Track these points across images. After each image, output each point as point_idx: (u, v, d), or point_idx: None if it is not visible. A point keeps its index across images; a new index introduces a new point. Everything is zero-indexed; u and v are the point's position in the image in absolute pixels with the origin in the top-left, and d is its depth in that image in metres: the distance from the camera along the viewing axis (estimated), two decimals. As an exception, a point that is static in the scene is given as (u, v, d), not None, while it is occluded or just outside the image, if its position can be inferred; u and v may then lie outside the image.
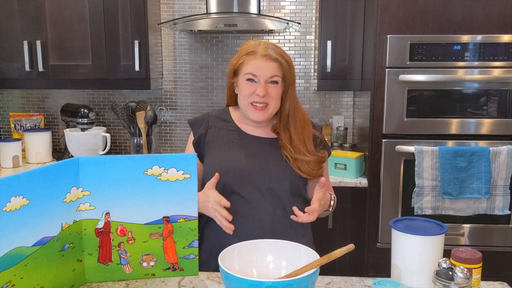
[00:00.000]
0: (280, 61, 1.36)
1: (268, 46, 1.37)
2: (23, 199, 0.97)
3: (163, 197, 1.16)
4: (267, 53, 1.35)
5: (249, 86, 1.36)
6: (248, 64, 1.36)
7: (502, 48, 2.14)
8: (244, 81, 1.37)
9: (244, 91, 1.37)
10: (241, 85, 1.38)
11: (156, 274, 1.21)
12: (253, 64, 1.35)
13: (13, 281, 0.96)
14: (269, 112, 1.38)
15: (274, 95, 1.36)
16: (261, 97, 1.34)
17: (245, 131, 1.43)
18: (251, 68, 1.35)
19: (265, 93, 1.34)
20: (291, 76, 1.39)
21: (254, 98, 1.35)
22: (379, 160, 2.25)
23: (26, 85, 2.64)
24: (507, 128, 2.19)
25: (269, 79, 1.35)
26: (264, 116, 1.37)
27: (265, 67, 1.34)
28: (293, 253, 1.13)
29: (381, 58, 2.19)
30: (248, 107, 1.37)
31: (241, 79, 1.38)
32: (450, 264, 1.02)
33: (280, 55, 1.37)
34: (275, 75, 1.35)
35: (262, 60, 1.35)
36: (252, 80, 1.36)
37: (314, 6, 2.78)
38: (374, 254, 2.31)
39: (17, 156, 2.58)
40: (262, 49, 1.36)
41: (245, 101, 1.37)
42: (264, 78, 1.34)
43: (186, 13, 2.80)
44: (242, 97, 1.38)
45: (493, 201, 2.17)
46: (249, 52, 1.37)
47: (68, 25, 2.52)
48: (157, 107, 2.91)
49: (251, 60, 1.36)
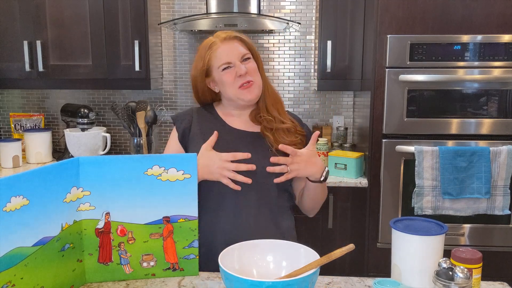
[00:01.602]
0: (240, 37, 1.38)
1: (223, 31, 1.39)
2: (23, 199, 0.97)
3: (163, 197, 1.16)
4: (226, 35, 1.36)
5: (229, 74, 1.35)
6: (216, 55, 1.36)
7: (502, 48, 2.14)
8: (221, 72, 1.36)
9: (226, 79, 1.36)
10: (220, 77, 1.37)
11: (156, 274, 1.21)
12: (221, 52, 1.35)
13: (13, 281, 0.96)
14: (257, 86, 1.38)
15: (253, 70, 1.37)
16: (244, 76, 1.34)
17: (230, 125, 1.42)
18: (221, 57, 1.35)
19: (245, 70, 1.34)
20: (255, 51, 1.41)
21: (238, 81, 1.35)
22: (379, 160, 2.25)
23: (26, 85, 2.64)
24: (507, 128, 2.19)
25: (242, 58, 1.35)
26: (255, 92, 1.37)
27: (232, 48, 1.35)
28: (293, 253, 1.13)
29: (381, 58, 2.19)
30: (237, 92, 1.36)
31: (217, 73, 1.37)
32: (450, 264, 1.02)
33: (238, 33, 1.39)
34: (245, 53, 1.36)
35: (225, 44, 1.36)
36: (228, 67, 1.35)
37: (314, 6, 2.78)
38: (374, 254, 2.31)
39: (17, 156, 2.58)
40: (220, 35, 1.37)
41: (232, 89, 1.36)
42: (237, 58, 1.35)
43: (186, 13, 2.80)
44: (227, 87, 1.37)
45: (493, 201, 2.17)
46: (210, 45, 1.37)
47: (68, 25, 2.52)
48: (157, 107, 2.91)
49: (216, 50, 1.36)
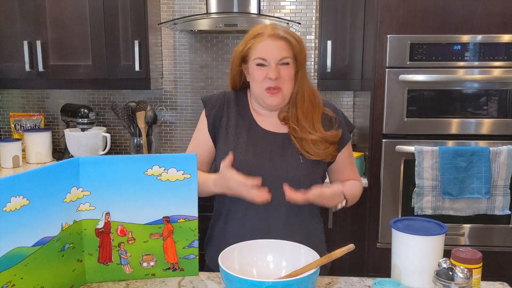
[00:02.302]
0: (288, 39, 1.30)
1: (275, 26, 1.31)
2: (23, 199, 0.97)
3: (163, 197, 1.16)
4: (274, 33, 1.29)
5: (260, 71, 1.30)
6: (256, 47, 1.30)
7: (502, 48, 2.14)
8: (255, 66, 1.31)
9: (256, 76, 1.31)
10: (252, 71, 1.32)
11: (156, 274, 1.21)
12: (261, 47, 1.29)
13: (13, 281, 0.96)
14: (283, 95, 1.32)
15: (286, 77, 1.31)
16: (273, 80, 1.28)
17: (260, 125, 1.38)
18: (260, 51, 1.29)
19: (277, 75, 1.28)
20: (302, 55, 1.33)
21: (267, 83, 1.30)
22: (379, 160, 2.25)
23: (26, 85, 2.63)
24: (507, 128, 2.19)
25: (280, 61, 1.29)
26: (279, 101, 1.32)
27: (273, 48, 1.28)
28: (293, 253, 1.13)
29: (381, 58, 2.19)
30: (262, 93, 1.32)
31: (251, 65, 1.32)
32: (450, 264, 1.02)
33: (289, 34, 1.31)
34: (285, 57, 1.29)
35: (270, 40, 1.29)
36: (263, 65, 1.30)
37: (314, 6, 2.78)
38: (374, 254, 2.31)
39: (17, 156, 2.58)
40: (269, 29, 1.30)
41: (258, 88, 1.32)
42: (274, 60, 1.29)
43: (186, 13, 2.80)
44: (255, 84, 1.33)
45: (493, 201, 2.17)
46: (256, 35, 1.31)
47: (68, 25, 2.52)
48: (157, 107, 2.91)
49: (259, 42, 1.30)
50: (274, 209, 1.31)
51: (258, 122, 1.39)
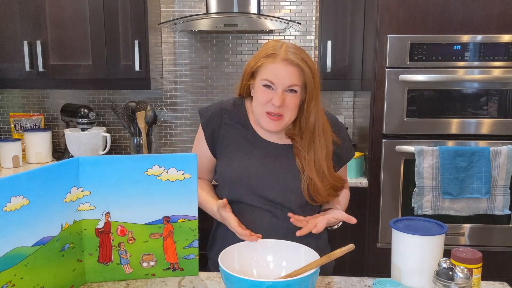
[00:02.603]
0: (302, 67, 1.23)
1: (289, 50, 1.24)
2: (23, 199, 0.97)
3: (163, 197, 1.16)
4: (288, 58, 1.22)
5: (265, 93, 1.25)
6: (267, 68, 1.24)
7: (502, 48, 2.14)
8: (261, 86, 1.26)
9: (260, 98, 1.26)
10: (257, 90, 1.27)
11: (156, 274, 1.21)
12: (272, 70, 1.23)
13: (13, 281, 0.96)
14: (284, 123, 1.28)
15: (291, 105, 1.25)
16: (276, 107, 1.24)
17: (260, 135, 1.35)
18: (269, 74, 1.24)
19: (282, 103, 1.23)
20: (314, 85, 1.26)
21: (269, 108, 1.25)
22: (379, 160, 2.25)
23: (26, 85, 2.64)
24: (507, 128, 2.19)
25: (287, 88, 1.24)
26: (278, 127, 1.28)
27: (284, 74, 1.22)
28: (293, 253, 1.13)
29: (381, 58, 2.19)
30: (262, 116, 1.27)
31: (257, 83, 1.27)
32: (450, 264, 1.02)
33: (303, 60, 1.24)
34: (294, 84, 1.23)
35: (282, 65, 1.22)
36: (269, 87, 1.25)
37: (314, 6, 2.78)
38: (374, 254, 2.31)
39: (17, 156, 2.58)
40: (283, 52, 1.23)
41: (259, 109, 1.27)
42: (282, 86, 1.23)
43: (186, 13, 2.80)
44: (257, 104, 1.28)
45: (493, 201, 2.17)
46: (269, 55, 1.24)
47: (68, 25, 2.52)
48: (157, 107, 2.91)
49: (270, 63, 1.24)
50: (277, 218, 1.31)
51: (257, 132, 1.36)
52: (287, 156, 1.33)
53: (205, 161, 1.41)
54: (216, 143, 1.37)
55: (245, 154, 1.33)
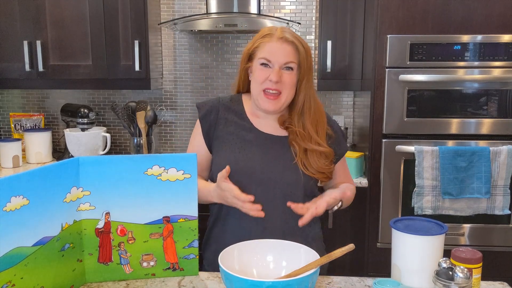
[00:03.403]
0: (296, 45, 1.29)
1: (285, 30, 1.31)
2: (23, 199, 0.97)
3: (163, 197, 1.16)
4: (283, 36, 1.29)
5: (262, 72, 1.30)
6: (263, 47, 1.30)
7: (502, 48, 2.14)
8: (258, 65, 1.31)
9: (257, 76, 1.31)
10: (255, 70, 1.32)
11: (156, 274, 1.21)
12: (268, 48, 1.29)
13: (13, 281, 0.96)
14: (282, 101, 1.31)
15: (288, 83, 1.30)
16: (274, 83, 1.28)
17: (257, 128, 1.37)
18: (266, 52, 1.29)
19: (279, 79, 1.28)
20: (307, 63, 1.32)
21: (267, 85, 1.29)
22: (379, 160, 2.25)
23: (26, 85, 2.64)
24: (507, 128, 2.19)
25: (284, 65, 1.29)
26: (276, 106, 1.31)
27: (280, 51, 1.28)
28: (293, 253, 1.13)
29: (381, 58, 2.19)
30: (259, 94, 1.31)
31: (255, 64, 1.32)
32: (450, 264, 1.02)
33: (297, 39, 1.30)
34: (291, 61, 1.29)
35: (278, 43, 1.28)
36: (266, 65, 1.29)
37: (314, 6, 2.78)
38: (374, 254, 2.31)
39: (17, 156, 2.58)
40: (279, 31, 1.30)
41: (257, 87, 1.32)
42: (278, 63, 1.28)
43: (186, 13, 2.80)
44: (255, 83, 1.32)
45: (493, 201, 2.17)
46: (265, 35, 1.31)
47: (68, 25, 2.52)
48: (157, 107, 2.91)
49: (267, 43, 1.30)
50: (271, 210, 1.31)
51: (254, 125, 1.38)
52: (283, 146, 1.35)
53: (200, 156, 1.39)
54: (213, 137, 1.38)
55: (241, 145, 1.34)
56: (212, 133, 1.38)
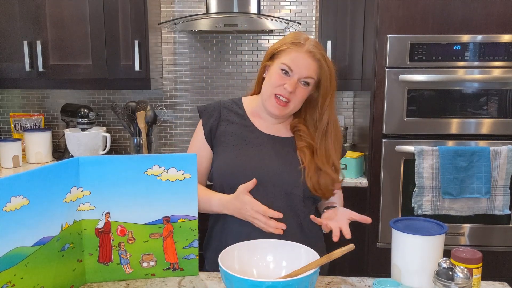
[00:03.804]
0: (321, 64, 1.29)
1: (316, 45, 1.30)
2: (23, 199, 0.97)
3: (163, 197, 1.16)
4: (312, 51, 1.28)
5: (280, 77, 1.28)
6: (289, 54, 1.28)
7: (502, 48, 2.14)
8: (278, 70, 1.29)
9: (274, 80, 1.29)
10: (273, 73, 1.30)
11: (156, 274, 1.21)
12: (294, 57, 1.27)
13: (13, 281, 0.96)
14: (288, 111, 1.31)
15: (300, 96, 1.30)
16: (288, 92, 1.27)
17: (258, 128, 1.38)
18: (291, 60, 1.27)
19: (293, 90, 1.27)
20: (331, 84, 1.31)
21: (280, 91, 1.28)
22: (379, 160, 2.25)
23: (26, 85, 2.64)
24: (507, 128, 2.19)
25: (303, 78, 1.28)
26: (282, 113, 1.31)
27: (304, 64, 1.27)
28: (293, 253, 1.13)
29: (381, 58, 2.19)
30: (270, 97, 1.30)
31: (275, 66, 1.30)
32: (450, 264, 1.02)
33: (323, 57, 1.30)
34: (310, 77, 1.28)
35: (305, 56, 1.27)
36: (286, 73, 1.28)
37: (314, 6, 2.78)
38: (374, 254, 2.31)
39: (17, 156, 2.58)
40: (310, 45, 1.29)
41: (270, 90, 1.30)
42: (298, 75, 1.27)
43: (186, 13, 2.80)
44: (269, 85, 1.31)
45: (493, 201, 2.17)
46: (295, 42, 1.29)
47: (68, 25, 2.52)
48: (157, 107, 2.91)
49: (294, 51, 1.28)
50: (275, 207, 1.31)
51: (255, 125, 1.38)
52: (284, 147, 1.35)
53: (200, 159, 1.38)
54: (214, 138, 1.38)
55: (242, 145, 1.34)
56: (214, 134, 1.38)
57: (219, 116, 1.39)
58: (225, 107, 1.41)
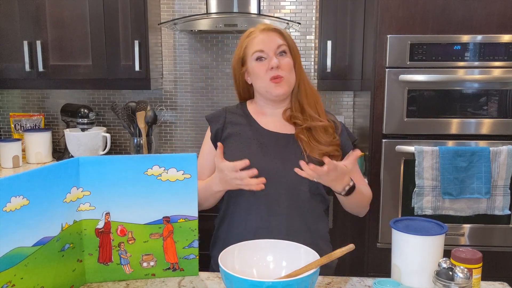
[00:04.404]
0: (280, 31, 1.37)
1: (265, 24, 1.41)
2: (23, 199, 0.97)
3: (163, 197, 1.16)
4: (266, 27, 1.37)
5: (261, 65, 1.35)
6: (252, 44, 1.36)
7: (502, 48, 2.13)
8: (254, 62, 1.36)
9: (258, 71, 1.35)
10: (253, 68, 1.37)
11: (156, 274, 1.21)
12: (257, 42, 1.35)
13: (13, 281, 0.96)
14: (287, 83, 1.35)
15: (287, 67, 1.35)
16: (276, 69, 1.32)
17: (263, 126, 1.40)
18: (256, 45, 1.35)
19: (278, 64, 1.33)
20: (295, 46, 1.39)
21: (270, 74, 1.34)
22: (379, 160, 2.25)
23: (26, 85, 2.64)
24: (507, 128, 2.19)
25: (277, 50, 1.34)
26: (285, 89, 1.35)
27: (268, 39, 1.34)
28: (293, 253, 1.13)
29: (381, 58, 2.19)
30: (268, 85, 1.35)
31: (250, 63, 1.38)
32: (450, 264, 1.02)
33: (278, 27, 1.38)
34: (282, 44, 1.35)
35: (263, 34, 1.36)
36: (261, 59, 1.35)
37: (314, 6, 2.78)
38: (374, 254, 2.31)
39: (17, 156, 2.58)
40: (260, 25, 1.39)
41: (262, 81, 1.36)
42: (272, 50, 1.34)
43: (186, 13, 2.80)
44: (259, 79, 1.37)
45: (493, 201, 2.17)
46: (249, 34, 1.39)
47: (68, 25, 2.52)
48: (157, 107, 2.91)
49: (253, 38, 1.36)
50: (276, 209, 1.31)
51: (260, 124, 1.41)
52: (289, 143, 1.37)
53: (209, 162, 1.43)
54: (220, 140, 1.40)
55: (247, 144, 1.37)
56: (220, 137, 1.42)
57: (224, 120, 1.43)
58: (230, 111, 1.46)
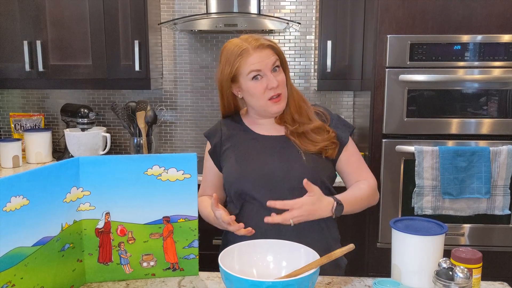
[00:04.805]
0: (272, 46, 1.34)
1: (254, 37, 1.34)
2: (23, 199, 0.97)
3: (163, 197, 1.17)
4: (259, 43, 1.31)
5: (258, 84, 1.31)
6: (246, 63, 1.30)
7: (502, 48, 2.13)
8: (250, 81, 1.32)
9: (255, 91, 1.32)
10: (249, 87, 1.33)
11: (156, 274, 1.21)
12: (252, 61, 1.30)
13: (13, 281, 0.96)
14: (284, 99, 1.36)
15: (282, 81, 1.34)
16: (275, 89, 1.31)
17: (258, 132, 1.41)
18: (251, 65, 1.30)
19: (278, 83, 1.31)
20: (285, 58, 1.38)
21: (269, 93, 1.32)
22: (379, 160, 2.25)
23: (26, 85, 2.64)
24: (507, 128, 2.19)
25: (272, 68, 1.32)
26: (282, 105, 1.35)
27: (264, 57, 1.30)
28: (293, 253, 1.13)
29: (381, 58, 2.19)
30: (266, 104, 1.34)
31: (245, 82, 1.33)
32: (450, 264, 1.02)
33: (269, 41, 1.34)
34: (275, 61, 1.33)
35: (257, 52, 1.30)
36: (257, 77, 1.31)
37: (314, 6, 2.78)
38: (374, 254, 2.31)
39: (17, 156, 2.58)
40: (251, 42, 1.32)
41: (260, 100, 1.34)
42: (268, 69, 1.31)
43: (186, 13, 2.80)
44: (255, 98, 1.34)
45: (493, 201, 2.17)
46: (241, 52, 1.31)
47: (68, 25, 2.52)
48: (157, 107, 2.91)
49: (247, 58, 1.30)
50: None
51: (255, 131, 1.42)
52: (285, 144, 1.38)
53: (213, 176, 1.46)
54: (220, 153, 1.43)
55: (245, 151, 1.38)
56: (219, 150, 1.43)
57: (221, 132, 1.44)
58: (224, 124, 1.46)
